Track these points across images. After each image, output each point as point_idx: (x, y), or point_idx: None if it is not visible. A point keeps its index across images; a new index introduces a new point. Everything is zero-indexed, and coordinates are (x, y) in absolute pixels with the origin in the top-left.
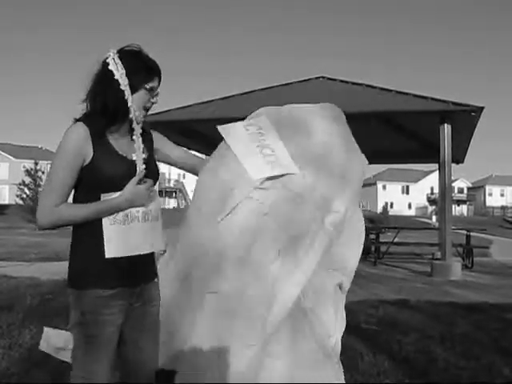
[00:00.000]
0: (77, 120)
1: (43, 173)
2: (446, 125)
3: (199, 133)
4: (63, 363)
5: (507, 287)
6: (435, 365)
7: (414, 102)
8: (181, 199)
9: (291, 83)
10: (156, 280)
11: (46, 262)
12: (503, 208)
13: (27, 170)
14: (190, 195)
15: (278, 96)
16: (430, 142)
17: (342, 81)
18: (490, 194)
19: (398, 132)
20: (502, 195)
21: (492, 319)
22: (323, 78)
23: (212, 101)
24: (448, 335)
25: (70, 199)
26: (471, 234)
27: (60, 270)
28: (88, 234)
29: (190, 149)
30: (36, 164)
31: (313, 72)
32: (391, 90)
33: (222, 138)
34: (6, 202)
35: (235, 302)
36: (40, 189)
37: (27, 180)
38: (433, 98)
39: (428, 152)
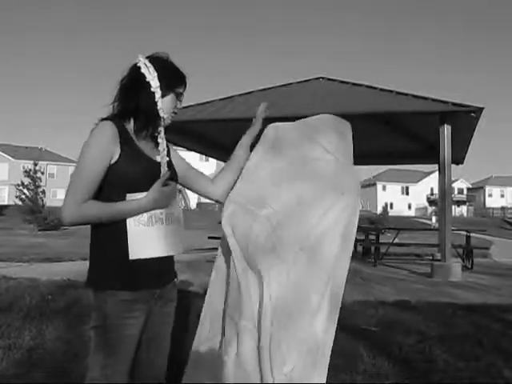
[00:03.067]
0: (104, 119)
1: (42, 173)
2: (445, 125)
3: (199, 133)
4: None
5: (507, 288)
6: (435, 366)
7: (414, 103)
8: (180, 200)
9: (291, 84)
10: (175, 280)
11: (45, 263)
12: (503, 209)
13: (26, 171)
14: (190, 197)
15: (278, 97)
16: (429, 143)
17: (341, 81)
18: (490, 195)
19: (398, 133)
20: (502, 196)
21: (492, 320)
22: (323, 78)
23: (211, 101)
24: (448, 336)
25: None
26: (471, 234)
27: (60, 270)
28: (112, 235)
29: (189, 149)
30: (35, 165)
31: (313, 73)
32: (391, 91)
33: (220, 139)
34: (6, 203)
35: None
36: (39, 189)
37: (26, 181)
38: (433, 99)
39: (428, 153)
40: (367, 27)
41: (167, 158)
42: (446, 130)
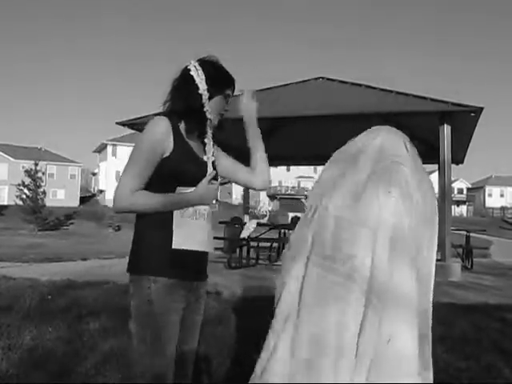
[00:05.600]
0: (159, 114)
1: (43, 173)
2: (445, 125)
3: None
4: (63, 364)
5: (507, 288)
6: (435, 365)
7: (414, 103)
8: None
9: (290, 84)
10: (207, 280)
11: (45, 263)
12: (503, 209)
13: (27, 171)
14: None
15: (278, 97)
16: (429, 143)
17: (341, 81)
18: (490, 195)
19: None
20: (502, 196)
21: (492, 320)
22: (322, 78)
23: None
24: (448, 336)
25: None
26: (471, 234)
27: (59, 270)
28: (158, 224)
29: None
30: (36, 165)
31: (312, 73)
32: (391, 91)
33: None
34: (5, 203)
35: None
36: (40, 190)
37: (27, 181)
38: (432, 99)
39: (428, 152)
40: (367, 27)
41: (213, 158)
42: (446, 129)
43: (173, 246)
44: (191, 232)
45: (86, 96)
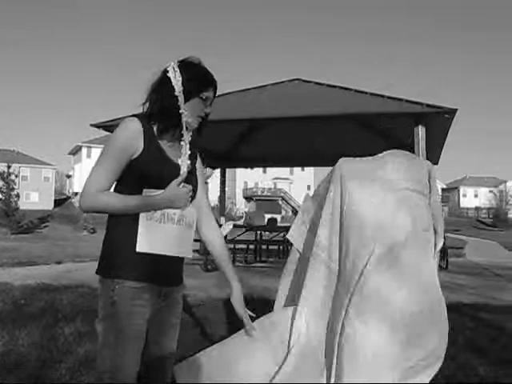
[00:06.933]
0: (133, 115)
1: (16, 176)
2: (420, 127)
3: None
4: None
5: (481, 287)
6: None
7: (389, 104)
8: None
9: (266, 85)
10: (183, 285)
11: (18, 267)
12: (477, 209)
13: (0, 174)
14: None
15: (254, 98)
16: (404, 144)
17: (316, 83)
18: (464, 195)
19: (373, 134)
20: (476, 196)
21: (467, 319)
22: (298, 80)
23: None
24: None
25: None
26: (446, 234)
27: (33, 274)
28: (127, 226)
29: None
30: (9, 167)
31: (288, 74)
32: (366, 92)
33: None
34: None
35: None
36: (13, 192)
37: (0, 183)
38: (407, 100)
39: None
40: (347, 29)
41: (188, 162)
42: (421, 131)
43: (137, 249)
44: (157, 236)
45: (60, 98)
